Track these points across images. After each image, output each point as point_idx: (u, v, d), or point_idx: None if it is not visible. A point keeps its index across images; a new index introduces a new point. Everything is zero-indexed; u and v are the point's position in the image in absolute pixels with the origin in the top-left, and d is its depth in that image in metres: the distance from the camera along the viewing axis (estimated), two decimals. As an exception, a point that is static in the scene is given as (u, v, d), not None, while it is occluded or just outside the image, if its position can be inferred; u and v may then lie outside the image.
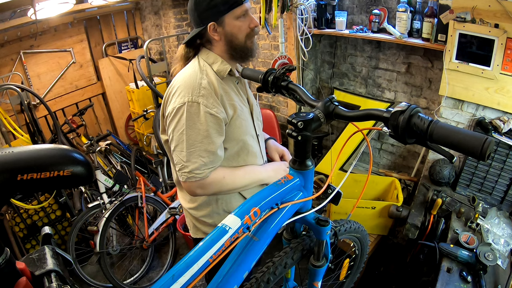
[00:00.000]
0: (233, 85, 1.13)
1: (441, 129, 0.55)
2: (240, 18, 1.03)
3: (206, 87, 1.01)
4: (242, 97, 1.16)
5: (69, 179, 0.47)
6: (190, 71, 1.06)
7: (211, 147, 1.00)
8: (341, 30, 2.26)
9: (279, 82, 0.92)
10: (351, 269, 1.27)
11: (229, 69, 1.08)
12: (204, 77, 1.03)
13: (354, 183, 2.14)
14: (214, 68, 1.08)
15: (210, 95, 1.01)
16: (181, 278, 0.56)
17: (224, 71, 1.08)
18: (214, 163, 1.02)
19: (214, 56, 1.09)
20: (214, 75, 1.07)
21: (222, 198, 1.18)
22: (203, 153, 0.99)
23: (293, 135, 0.71)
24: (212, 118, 1.00)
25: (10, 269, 0.52)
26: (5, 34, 2.71)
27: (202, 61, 1.09)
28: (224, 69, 1.08)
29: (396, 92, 2.40)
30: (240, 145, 1.12)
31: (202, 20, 1.04)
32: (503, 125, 1.65)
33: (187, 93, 0.99)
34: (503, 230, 1.52)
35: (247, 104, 1.18)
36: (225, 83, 1.09)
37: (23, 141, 2.65)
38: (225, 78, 1.09)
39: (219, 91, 1.04)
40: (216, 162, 1.03)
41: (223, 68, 1.08)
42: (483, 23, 1.56)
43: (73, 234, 2.15)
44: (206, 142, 0.99)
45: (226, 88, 1.09)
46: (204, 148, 0.99)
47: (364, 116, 0.68)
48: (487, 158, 0.51)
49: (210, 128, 1.00)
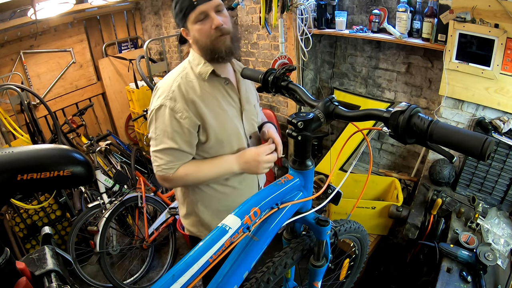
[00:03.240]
0: (220, 86, 1.12)
1: (441, 129, 0.55)
2: (198, 22, 1.03)
3: (175, 90, 1.04)
4: (231, 97, 1.14)
5: (69, 179, 0.47)
6: (172, 73, 1.11)
7: (174, 146, 1.05)
8: (341, 30, 2.26)
9: (279, 82, 0.92)
10: (351, 269, 1.27)
11: (211, 70, 1.08)
12: (178, 80, 1.06)
13: (354, 183, 2.14)
14: (197, 69, 1.09)
15: (178, 98, 1.04)
16: (181, 278, 0.56)
17: (205, 73, 1.08)
18: (179, 160, 1.08)
19: (198, 58, 1.11)
20: (196, 76, 1.09)
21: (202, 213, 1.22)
22: (167, 152, 1.06)
23: (293, 135, 0.71)
24: (176, 122, 1.04)
25: (10, 269, 0.52)
26: (5, 34, 2.71)
27: (188, 62, 1.13)
28: (205, 71, 1.08)
29: (396, 92, 2.40)
30: (220, 145, 1.13)
31: (177, 25, 1.12)
32: (503, 125, 1.65)
33: (160, 95, 1.05)
34: (503, 230, 1.52)
35: (236, 104, 1.16)
36: (210, 84, 1.10)
37: (23, 141, 2.65)
38: (210, 79, 1.09)
39: (191, 96, 1.05)
40: (181, 160, 1.08)
41: (205, 70, 1.09)
42: (483, 23, 1.56)
43: (73, 234, 2.15)
44: (170, 142, 1.05)
45: (209, 90, 1.09)
46: (168, 147, 1.05)
47: (364, 116, 0.68)
48: (487, 158, 0.51)
49: (173, 131, 1.04)
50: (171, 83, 1.06)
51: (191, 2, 1.01)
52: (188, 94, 1.05)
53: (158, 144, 1.07)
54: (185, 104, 1.04)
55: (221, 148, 1.13)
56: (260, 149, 1.11)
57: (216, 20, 1.03)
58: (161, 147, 1.07)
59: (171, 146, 1.06)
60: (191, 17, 1.03)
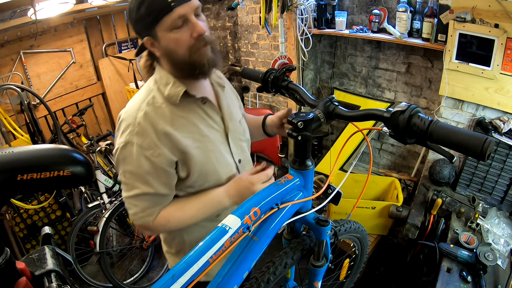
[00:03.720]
0: (197, 108, 0.93)
1: (441, 129, 0.55)
2: (175, 29, 0.82)
3: (141, 122, 0.85)
4: (211, 119, 0.95)
5: (69, 179, 0.47)
6: (136, 98, 0.91)
7: (149, 191, 0.87)
8: (341, 30, 2.26)
9: (279, 82, 0.92)
10: (351, 269, 1.27)
11: (183, 91, 0.88)
12: (144, 107, 0.87)
13: (354, 183, 2.14)
14: (165, 91, 0.89)
15: (146, 132, 0.84)
16: (181, 278, 0.56)
17: (176, 95, 0.88)
18: (157, 205, 0.91)
19: (166, 76, 0.91)
20: (166, 100, 0.89)
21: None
22: (141, 198, 0.88)
23: (293, 135, 0.71)
24: (148, 162, 0.85)
25: (10, 269, 0.52)
26: (5, 34, 2.71)
27: (154, 83, 0.92)
28: (176, 93, 0.88)
29: (396, 92, 2.40)
30: (205, 178, 0.94)
31: (138, 33, 0.88)
32: (503, 125, 1.65)
33: (125, 130, 0.86)
34: (503, 230, 1.52)
35: (219, 126, 0.98)
36: (184, 108, 0.90)
37: (23, 141, 2.65)
38: (183, 102, 0.89)
39: (163, 126, 0.86)
40: (160, 204, 0.91)
41: (175, 92, 0.88)
42: (483, 23, 1.56)
43: (73, 234, 2.15)
44: (144, 187, 0.87)
45: (184, 115, 0.90)
46: (141, 192, 0.87)
47: (364, 116, 0.68)
48: (487, 158, 0.51)
49: (146, 173, 0.86)
50: (135, 113, 0.86)
51: (166, 3, 0.79)
52: (158, 125, 0.85)
53: (130, 189, 0.88)
54: (156, 138, 0.85)
55: (207, 181, 0.95)
56: (254, 178, 0.90)
57: (199, 27, 0.84)
58: (134, 192, 0.88)
59: (145, 192, 0.87)
60: (165, 23, 0.81)
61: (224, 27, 3.25)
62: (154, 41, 0.86)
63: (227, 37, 3.28)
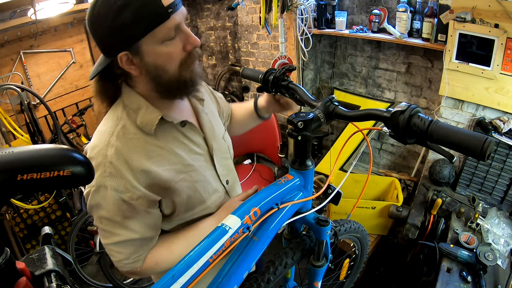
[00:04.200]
0: (176, 133, 0.80)
1: (441, 129, 0.55)
2: (167, 41, 0.68)
3: (113, 162, 0.71)
4: (193, 142, 0.84)
5: (69, 179, 0.47)
6: (103, 130, 0.76)
7: (132, 237, 0.76)
8: (341, 30, 2.26)
9: (279, 82, 0.92)
10: (351, 269, 1.27)
11: (159, 118, 0.75)
12: (113, 142, 0.72)
13: (354, 183, 2.14)
14: (138, 119, 0.75)
15: (120, 173, 0.71)
16: (181, 278, 0.56)
17: (150, 124, 0.74)
18: (143, 248, 0.80)
19: (137, 99, 0.76)
20: (139, 129, 0.75)
21: None
22: (124, 244, 0.77)
23: (293, 135, 0.71)
24: (126, 206, 0.73)
25: (10, 269, 0.52)
26: (5, 34, 2.71)
27: (122, 108, 0.76)
28: (150, 122, 0.74)
29: (396, 92, 2.40)
30: (192, 210, 0.86)
31: (108, 48, 0.70)
32: (503, 125, 1.65)
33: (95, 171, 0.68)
34: (503, 230, 1.52)
35: (203, 148, 0.87)
36: (160, 136, 0.77)
37: (23, 141, 2.65)
38: (159, 129, 0.76)
39: (139, 162, 0.73)
40: (147, 246, 0.80)
41: (148, 120, 0.74)
42: (483, 23, 1.56)
43: (73, 234, 2.15)
44: (126, 233, 0.76)
45: (162, 144, 0.77)
46: (124, 239, 0.76)
47: (364, 116, 0.68)
48: (487, 158, 0.51)
49: (125, 219, 0.75)
50: (104, 149, 0.72)
51: (162, 8, 0.64)
52: (133, 162, 0.72)
53: (109, 236, 0.76)
54: (132, 178, 0.72)
55: (194, 214, 0.86)
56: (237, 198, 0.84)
57: (193, 38, 0.72)
58: (115, 240, 0.76)
59: (129, 238, 0.76)
60: (159, 33, 0.66)
61: (224, 27, 3.25)
62: (134, 57, 0.69)
63: (227, 37, 3.28)
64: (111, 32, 0.66)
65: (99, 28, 0.67)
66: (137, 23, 0.64)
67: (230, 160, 0.98)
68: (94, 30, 0.68)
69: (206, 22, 3.42)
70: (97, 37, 0.69)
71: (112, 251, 0.78)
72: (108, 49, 0.70)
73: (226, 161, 0.95)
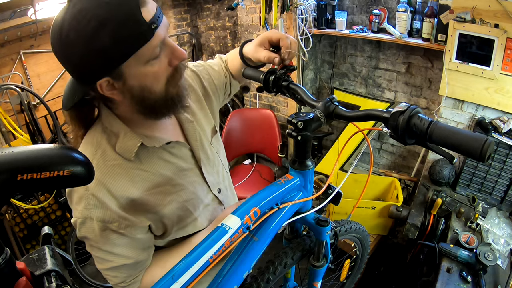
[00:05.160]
0: (160, 153, 0.76)
1: (440, 130, 0.55)
2: (152, 60, 0.62)
3: (96, 194, 0.67)
4: (179, 158, 0.79)
5: (69, 179, 0.47)
6: None
7: (126, 263, 0.74)
8: (341, 30, 2.26)
9: (280, 82, 0.92)
10: (352, 270, 1.27)
11: (138, 145, 0.70)
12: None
13: (354, 183, 2.14)
14: (116, 146, 0.70)
15: (105, 205, 0.67)
16: (181, 278, 0.56)
17: (129, 151, 0.69)
18: (139, 270, 0.77)
19: (117, 124, 0.70)
20: (119, 156, 0.70)
21: None
22: (119, 269, 0.74)
23: (293, 135, 0.71)
24: (115, 235, 0.70)
25: (10, 269, 0.52)
26: (5, 34, 2.71)
27: (101, 133, 0.71)
28: (128, 149, 0.69)
29: (396, 92, 2.40)
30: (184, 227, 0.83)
31: (84, 76, 0.61)
32: (503, 125, 1.65)
33: (78, 203, 0.68)
34: (503, 230, 1.52)
35: (190, 162, 0.82)
36: (143, 160, 0.73)
37: (23, 141, 2.65)
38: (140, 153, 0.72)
39: (123, 191, 0.69)
40: (142, 267, 0.78)
41: (127, 147, 0.69)
42: (483, 23, 1.56)
43: (73, 234, 2.15)
44: (119, 259, 0.73)
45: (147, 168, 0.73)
46: (118, 265, 0.73)
47: (364, 116, 0.68)
48: (487, 160, 0.51)
49: (116, 246, 0.71)
50: None
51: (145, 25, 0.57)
52: (117, 191, 0.68)
53: (103, 262, 0.73)
54: (118, 208, 0.68)
55: (186, 232, 0.83)
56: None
57: (180, 52, 0.66)
58: (109, 266, 0.73)
59: (122, 263, 0.73)
60: (143, 54, 0.60)
61: (224, 27, 3.25)
62: (116, 82, 0.62)
63: (227, 37, 3.28)
64: (87, 59, 0.57)
65: (71, 56, 0.58)
66: (117, 45, 0.56)
67: (221, 166, 0.94)
68: (65, 58, 0.59)
69: (206, 22, 3.42)
70: (70, 65, 0.60)
71: (108, 276, 0.76)
72: (85, 76, 0.61)
73: (216, 168, 0.91)
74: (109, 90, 0.63)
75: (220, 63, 1.04)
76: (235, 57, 0.97)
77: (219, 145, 0.97)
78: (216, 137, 0.95)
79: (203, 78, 0.96)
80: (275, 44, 0.83)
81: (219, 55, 1.08)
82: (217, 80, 0.99)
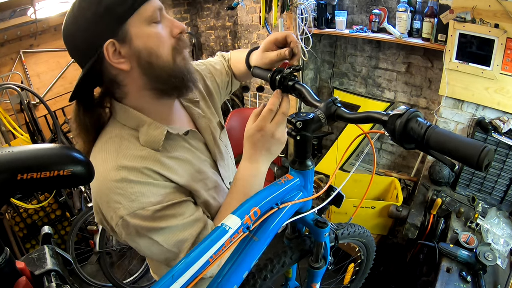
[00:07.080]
0: (182, 142, 0.77)
1: (438, 135, 0.53)
2: (153, 22, 0.65)
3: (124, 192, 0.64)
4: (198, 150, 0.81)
5: (69, 178, 0.47)
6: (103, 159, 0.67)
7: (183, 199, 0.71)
8: (341, 30, 2.26)
9: (286, 81, 0.92)
10: (356, 274, 1.26)
11: (165, 133, 0.70)
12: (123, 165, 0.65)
13: (353, 183, 2.14)
14: (141, 138, 0.69)
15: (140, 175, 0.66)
16: (181, 278, 0.56)
17: (157, 141, 0.69)
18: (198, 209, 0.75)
19: (135, 116, 0.70)
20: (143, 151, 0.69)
21: None
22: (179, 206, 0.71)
23: (292, 134, 0.71)
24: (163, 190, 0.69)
25: (10, 269, 0.52)
26: (5, 33, 2.70)
27: (120, 127, 0.70)
28: (156, 138, 0.69)
29: (396, 92, 2.40)
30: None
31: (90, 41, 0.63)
32: (503, 125, 1.65)
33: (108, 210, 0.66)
34: (502, 230, 1.52)
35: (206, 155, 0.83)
36: (169, 147, 0.73)
37: (23, 141, 2.65)
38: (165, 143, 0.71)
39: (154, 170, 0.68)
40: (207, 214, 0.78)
41: (154, 137, 0.69)
42: (483, 23, 1.56)
43: (73, 234, 2.15)
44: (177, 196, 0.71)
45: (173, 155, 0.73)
46: (176, 201, 0.70)
47: (364, 118, 0.68)
48: (485, 169, 0.48)
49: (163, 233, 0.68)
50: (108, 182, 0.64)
51: None
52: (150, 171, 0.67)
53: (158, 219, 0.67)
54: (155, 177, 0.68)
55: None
56: (259, 124, 0.70)
57: (178, 22, 0.69)
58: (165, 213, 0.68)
59: (180, 200, 0.70)
60: (145, 12, 0.63)
61: (224, 26, 3.25)
62: (122, 44, 0.63)
63: (227, 37, 3.28)
64: (94, 19, 0.61)
65: (81, 21, 0.62)
66: (122, 2, 0.61)
67: (229, 159, 0.95)
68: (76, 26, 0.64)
69: (206, 21, 3.42)
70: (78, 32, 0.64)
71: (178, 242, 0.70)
72: (92, 41, 0.63)
73: (227, 161, 0.92)
74: (114, 57, 0.64)
75: (222, 62, 1.04)
76: (240, 61, 0.97)
77: (226, 140, 0.98)
78: (223, 132, 0.96)
79: (206, 76, 0.97)
80: (281, 43, 0.84)
81: (221, 53, 1.08)
82: (219, 79, 1.00)
